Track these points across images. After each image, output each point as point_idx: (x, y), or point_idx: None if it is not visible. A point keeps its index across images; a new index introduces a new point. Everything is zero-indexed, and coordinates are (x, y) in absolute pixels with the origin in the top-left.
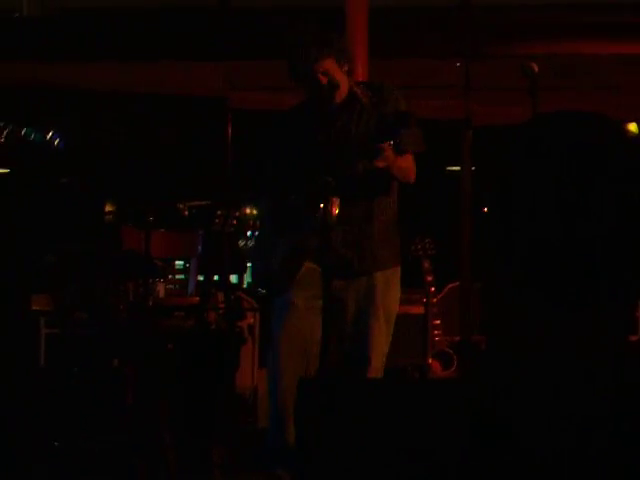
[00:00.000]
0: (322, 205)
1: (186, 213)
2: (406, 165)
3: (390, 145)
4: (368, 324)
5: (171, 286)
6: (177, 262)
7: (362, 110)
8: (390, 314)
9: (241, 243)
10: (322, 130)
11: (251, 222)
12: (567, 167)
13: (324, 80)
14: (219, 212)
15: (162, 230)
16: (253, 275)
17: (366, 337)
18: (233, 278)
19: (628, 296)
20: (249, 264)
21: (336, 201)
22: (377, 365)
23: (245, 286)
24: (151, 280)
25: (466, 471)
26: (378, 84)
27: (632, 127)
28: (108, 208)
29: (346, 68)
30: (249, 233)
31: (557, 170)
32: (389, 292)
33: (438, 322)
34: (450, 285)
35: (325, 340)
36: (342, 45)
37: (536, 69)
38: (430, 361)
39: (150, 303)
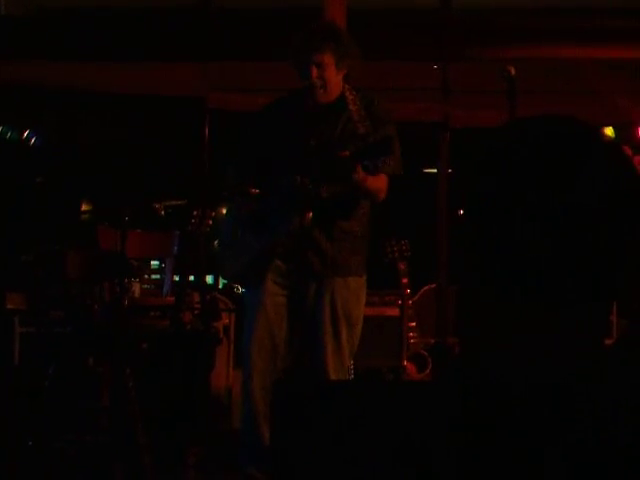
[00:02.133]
0: (299, 209)
1: (162, 213)
2: (377, 186)
3: (366, 165)
4: (322, 325)
5: (147, 286)
6: (153, 262)
7: (348, 118)
8: (352, 319)
9: (217, 243)
10: (304, 129)
11: None
12: (544, 170)
13: (314, 72)
14: (195, 212)
15: (138, 230)
16: (222, 271)
17: (320, 337)
18: (209, 278)
19: (604, 298)
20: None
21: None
22: (332, 362)
23: (221, 287)
24: (127, 280)
25: (441, 473)
26: (371, 99)
27: (608, 131)
28: (84, 207)
29: (344, 71)
30: None
31: (534, 173)
32: (350, 298)
33: (413, 324)
34: (426, 287)
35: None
36: (349, 49)
37: (513, 72)
38: (405, 363)
39: (126, 303)
